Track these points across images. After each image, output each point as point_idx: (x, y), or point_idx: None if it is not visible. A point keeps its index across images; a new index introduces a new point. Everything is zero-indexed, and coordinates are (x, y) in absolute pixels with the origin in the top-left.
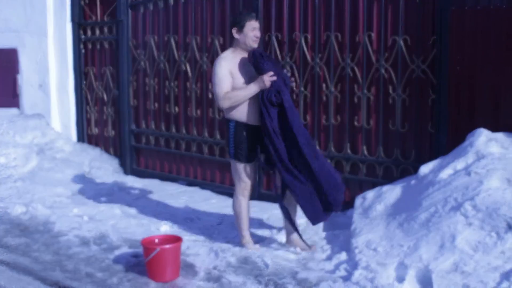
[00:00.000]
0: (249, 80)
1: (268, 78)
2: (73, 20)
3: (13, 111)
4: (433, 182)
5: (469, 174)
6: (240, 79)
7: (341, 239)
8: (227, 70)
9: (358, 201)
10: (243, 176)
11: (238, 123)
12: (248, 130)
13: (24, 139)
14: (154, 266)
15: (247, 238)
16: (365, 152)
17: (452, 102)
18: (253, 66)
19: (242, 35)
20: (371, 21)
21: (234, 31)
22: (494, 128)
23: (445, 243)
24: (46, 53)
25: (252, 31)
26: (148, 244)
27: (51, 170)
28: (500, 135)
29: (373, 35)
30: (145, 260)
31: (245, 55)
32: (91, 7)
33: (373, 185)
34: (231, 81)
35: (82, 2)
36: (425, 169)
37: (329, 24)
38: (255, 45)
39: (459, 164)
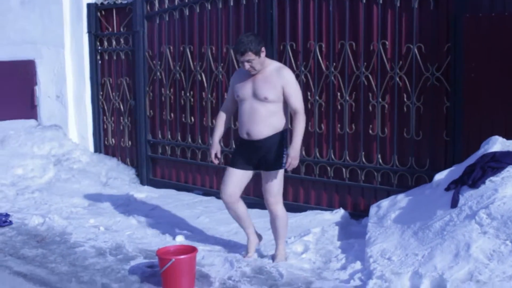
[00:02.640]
0: (241, 95)
1: (213, 157)
2: (89, 31)
3: (31, 122)
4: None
5: (483, 182)
6: (236, 92)
7: (356, 248)
8: (232, 84)
9: (372, 209)
10: (224, 180)
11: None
12: (240, 140)
13: (42, 150)
14: (169, 276)
15: (249, 238)
16: (380, 160)
17: (467, 110)
18: None
19: None
20: (385, 29)
21: None
22: (509, 136)
23: (460, 251)
24: (63, 64)
25: (242, 63)
26: (163, 255)
27: (68, 181)
28: None
29: (387, 43)
30: (160, 270)
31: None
32: (107, 19)
33: (387, 194)
34: (232, 95)
35: (99, 14)
36: (440, 177)
37: (344, 32)
38: (251, 73)
39: None
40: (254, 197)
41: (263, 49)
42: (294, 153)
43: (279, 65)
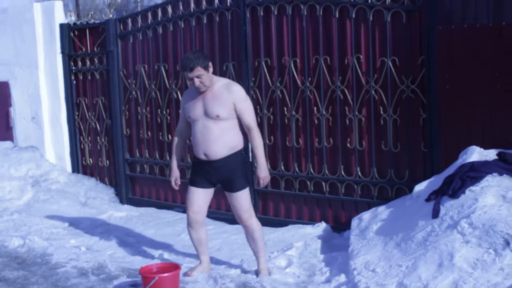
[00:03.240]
0: (193, 115)
1: (173, 183)
2: (63, 51)
3: (7, 144)
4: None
5: (463, 192)
6: (187, 113)
7: (340, 261)
8: (182, 105)
9: (354, 222)
10: (188, 199)
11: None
12: (197, 160)
13: (19, 172)
14: None
15: (202, 263)
16: (359, 173)
17: (443, 121)
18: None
19: None
20: (359, 44)
21: None
22: (486, 145)
23: (444, 261)
24: (37, 85)
25: (191, 80)
26: (146, 273)
27: (47, 201)
28: (492, 152)
29: (362, 57)
30: None
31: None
32: (80, 39)
33: (368, 206)
34: (184, 116)
35: (72, 34)
36: (420, 188)
37: (318, 47)
38: (201, 90)
39: None
40: None
41: (210, 64)
42: (263, 173)
43: (228, 81)
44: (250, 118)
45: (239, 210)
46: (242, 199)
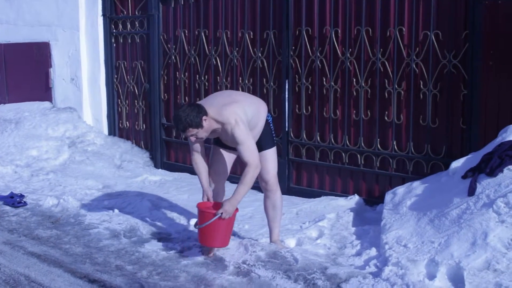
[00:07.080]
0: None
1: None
2: (104, 14)
3: (46, 104)
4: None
5: (501, 170)
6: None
7: (371, 234)
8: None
9: (388, 196)
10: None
11: None
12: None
13: (56, 132)
14: (210, 231)
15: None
16: (395, 147)
17: (484, 98)
18: None
19: None
20: (402, 16)
21: None
22: None
23: (477, 240)
24: (78, 47)
25: (190, 137)
26: (206, 208)
27: (83, 163)
28: None
29: (404, 29)
30: (199, 225)
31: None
32: (122, 2)
33: (403, 181)
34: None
35: None
36: (456, 165)
37: (360, 18)
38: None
39: None
40: None
41: (204, 117)
42: (229, 207)
43: (232, 125)
44: (247, 157)
45: (266, 169)
46: (271, 158)
